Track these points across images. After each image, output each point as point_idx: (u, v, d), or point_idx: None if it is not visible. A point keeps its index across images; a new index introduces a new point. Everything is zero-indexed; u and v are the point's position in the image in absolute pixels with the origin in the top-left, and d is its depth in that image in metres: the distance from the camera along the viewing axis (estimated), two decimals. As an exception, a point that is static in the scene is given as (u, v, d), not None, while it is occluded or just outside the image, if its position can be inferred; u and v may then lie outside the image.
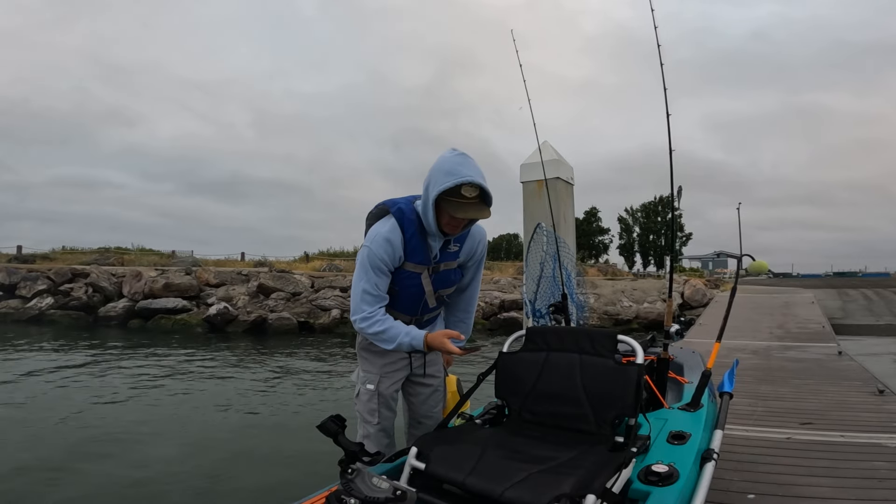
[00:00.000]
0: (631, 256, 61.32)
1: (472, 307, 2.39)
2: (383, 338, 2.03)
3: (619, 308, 16.60)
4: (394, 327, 2.03)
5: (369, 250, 2.01)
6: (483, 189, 1.92)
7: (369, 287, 2.02)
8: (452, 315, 2.38)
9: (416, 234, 2.04)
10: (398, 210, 2.05)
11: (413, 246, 2.05)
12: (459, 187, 1.88)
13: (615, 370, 1.86)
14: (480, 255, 2.26)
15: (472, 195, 1.90)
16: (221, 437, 5.38)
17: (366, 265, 2.02)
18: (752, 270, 2.73)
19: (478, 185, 1.90)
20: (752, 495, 2.52)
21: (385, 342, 2.04)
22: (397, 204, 2.08)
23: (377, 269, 2.02)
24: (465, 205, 1.90)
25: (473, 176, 1.89)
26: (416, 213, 2.04)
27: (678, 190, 2.89)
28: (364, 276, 2.02)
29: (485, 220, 2.06)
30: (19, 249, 23.70)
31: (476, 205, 1.93)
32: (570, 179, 5.83)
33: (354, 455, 1.39)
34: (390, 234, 2.02)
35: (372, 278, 2.02)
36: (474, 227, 2.18)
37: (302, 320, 14.56)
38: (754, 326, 9.79)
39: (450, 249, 2.13)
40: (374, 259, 2.01)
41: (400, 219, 2.04)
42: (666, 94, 2.59)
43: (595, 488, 1.41)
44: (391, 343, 2.03)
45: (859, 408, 4.04)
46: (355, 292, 2.05)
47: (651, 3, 2.63)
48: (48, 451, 4.79)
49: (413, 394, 2.28)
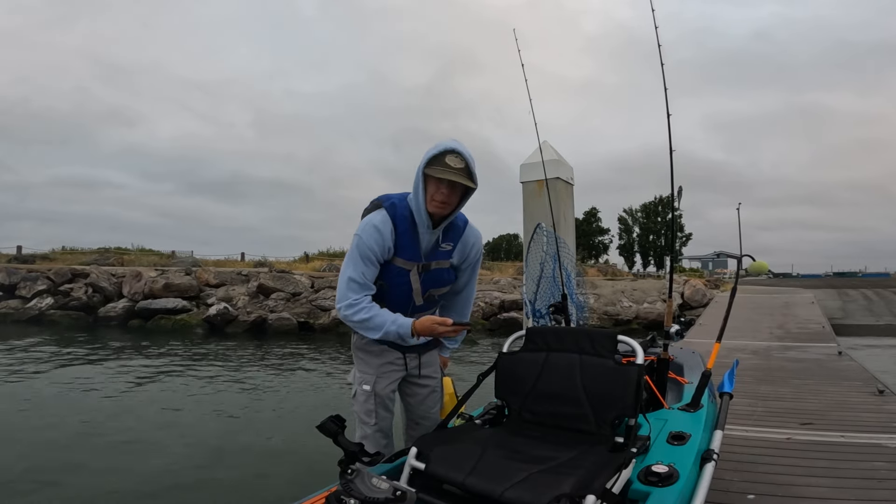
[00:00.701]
0: (631, 257, 61.36)
1: (468, 310, 2.39)
2: (369, 326, 2.02)
3: (619, 308, 16.60)
4: (380, 315, 2.02)
5: (359, 238, 2.02)
6: (468, 163, 1.96)
7: (356, 275, 2.01)
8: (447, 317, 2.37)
9: (408, 229, 2.05)
10: (391, 205, 2.06)
11: (405, 241, 2.05)
12: (444, 155, 1.94)
13: (615, 370, 1.86)
14: (475, 258, 2.26)
15: (455, 165, 1.94)
16: (221, 437, 5.38)
17: (354, 253, 2.02)
18: (752, 271, 2.73)
19: (461, 153, 1.95)
20: (752, 495, 2.52)
21: (371, 331, 2.02)
22: (391, 199, 2.09)
23: (365, 258, 2.01)
24: (449, 171, 1.93)
25: (457, 145, 1.96)
26: (409, 209, 2.05)
27: (678, 190, 2.88)
28: (351, 264, 2.02)
29: (482, 223, 2.09)
30: (19, 249, 23.70)
31: (460, 174, 1.95)
32: (570, 179, 5.82)
33: (354, 455, 1.39)
34: (380, 223, 2.02)
35: (359, 266, 2.01)
36: (468, 229, 2.18)
37: (302, 320, 14.55)
38: (754, 327, 9.79)
39: (442, 248, 2.13)
40: (362, 247, 2.01)
41: (392, 213, 2.04)
42: (666, 94, 2.59)
43: (595, 488, 1.41)
44: (377, 331, 2.01)
45: (859, 408, 4.04)
46: (342, 280, 2.04)
47: (651, 3, 2.63)
48: (48, 452, 4.79)
49: (410, 394, 2.27)
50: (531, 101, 3.26)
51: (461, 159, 1.95)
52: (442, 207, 2.01)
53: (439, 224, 2.07)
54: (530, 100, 3.26)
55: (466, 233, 2.18)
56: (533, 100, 3.25)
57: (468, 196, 2.07)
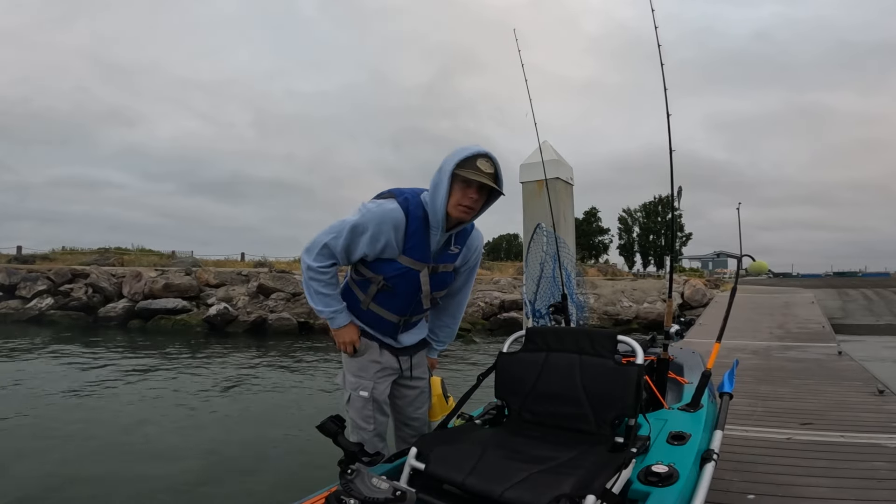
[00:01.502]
0: (631, 256, 61.37)
1: (460, 313, 2.36)
2: (320, 299, 2.03)
3: (618, 308, 16.60)
4: (335, 297, 2.05)
5: (356, 223, 1.94)
6: (497, 168, 1.94)
7: (334, 245, 1.96)
8: (439, 319, 2.33)
9: (419, 228, 1.98)
10: (404, 199, 1.99)
11: (415, 241, 1.99)
12: (475, 158, 1.91)
13: (615, 370, 1.86)
14: (475, 261, 2.23)
15: (487, 169, 1.91)
16: (221, 438, 5.38)
17: (348, 221, 1.95)
18: (752, 271, 2.73)
19: (492, 158, 1.93)
20: (752, 496, 2.52)
21: (315, 300, 2.04)
22: (404, 193, 2.02)
23: (349, 244, 1.96)
24: (481, 174, 1.90)
25: (487, 150, 1.93)
26: (422, 208, 1.99)
27: (678, 190, 2.88)
28: (337, 233, 1.96)
29: (482, 223, 2.07)
30: (19, 250, 23.72)
31: (491, 178, 1.92)
32: (570, 179, 5.84)
33: (354, 455, 1.39)
34: (389, 214, 1.94)
35: (345, 240, 1.95)
36: (475, 231, 2.16)
37: (302, 321, 14.54)
38: (754, 326, 9.79)
39: (450, 251, 2.09)
40: (356, 232, 1.95)
41: (406, 207, 1.97)
42: (666, 94, 2.59)
43: (595, 489, 1.41)
44: (317, 306, 2.04)
45: (859, 408, 4.04)
46: (319, 239, 1.98)
47: (651, 4, 2.63)
48: (48, 451, 4.79)
49: (399, 396, 2.24)
50: (531, 102, 3.26)
51: (491, 164, 1.92)
52: (467, 213, 1.97)
53: (454, 227, 2.03)
54: (530, 100, 3.26)
55: (473, 235, 2.15)
56: (534, 100, 3.26)
57: (490, 203, 2.02)
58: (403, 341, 2.20)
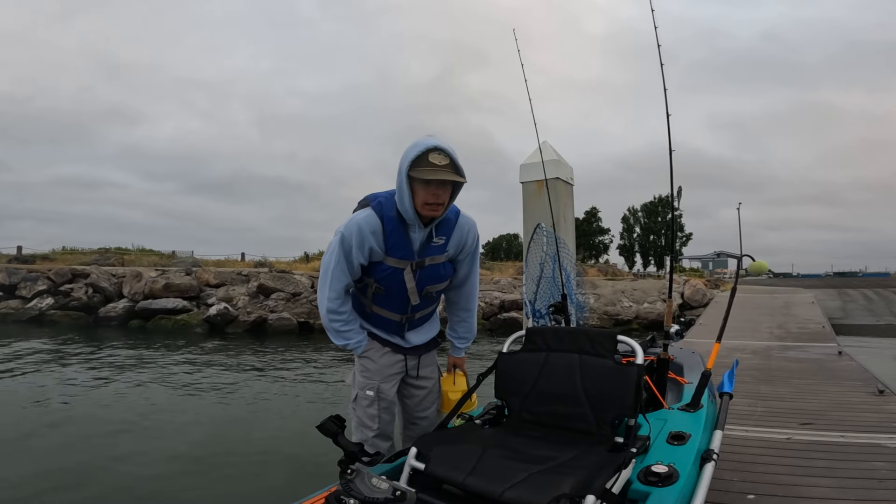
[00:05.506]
0: (631, 256, 61.33)
1: (473, 304, 2.34)
2: (341, 336, 2.13)
3: (619, 308, 16.60)
4: (355, 330, 2.14)
5: (341, 237, 2.00)
6: (452, 158, 1.90)
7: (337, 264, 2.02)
8: (454, 315, 2.34)
9: (396, 227, 2.00)
10: (378, 203, 2.02)
11: (395, 240, 2.01)
12: (426, 155, 1.88)
13: (615, 370, 1.86)
14: (472, 247, 2.20)
15: (441, 162, 1.88)
16: (221, 438, 5.38)
17: (335, 252, 2.02)
18: (752, 271, 2.73)
19: (444, 149, 1.88)
20: (752, 496, 2.52)
21: (337, 338, 2.14)
22: (377, 197, 2.05)
23: (347, 255, 2.01)
24: (437, 170, 1.87)
25: (438, 142, 1.89)
26: (395, 209, 2.00)
27: (678, 190, 2.88)
28: (332, 254, 2.03)
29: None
30: (19, 250, 23.73)
31: (447, 170, 1.89)
32: (570, 180, 5.83)
33: (354, 455, 1.39)
34: (363, 221, 1.99)
35: (341, 264, 2.02)
36: (461, 218, 2.13)
37: (302, 321, 14.55)
38: (754, 326, 9.79)
39: (434, 243, 2.08)
40: (345, 245, 2.00)
41: (379, 212, 2.00)
42: (666, 94, 2.60)
43: (595, 489, 1.41)
44: (340, 342, 2.13)
45: (859, 408, 4.04)
46: (323, 272, 2.06)
47: (651, 4, 2.63)
48: (48, 452, 4.79)
49: (407, 395, 2.26)
50: (531, 101, 3.27)
51: (444, 155, 1.88)
52: (437, 209, 1.97)
53: (430, 223, 2.04)
54: (530, 100, 3.27)
55: (459, 223, 2.12)
56: (538, 99, 3.28)
57: (458, 191, 2.01)
58: (412, 340, 2.22)
